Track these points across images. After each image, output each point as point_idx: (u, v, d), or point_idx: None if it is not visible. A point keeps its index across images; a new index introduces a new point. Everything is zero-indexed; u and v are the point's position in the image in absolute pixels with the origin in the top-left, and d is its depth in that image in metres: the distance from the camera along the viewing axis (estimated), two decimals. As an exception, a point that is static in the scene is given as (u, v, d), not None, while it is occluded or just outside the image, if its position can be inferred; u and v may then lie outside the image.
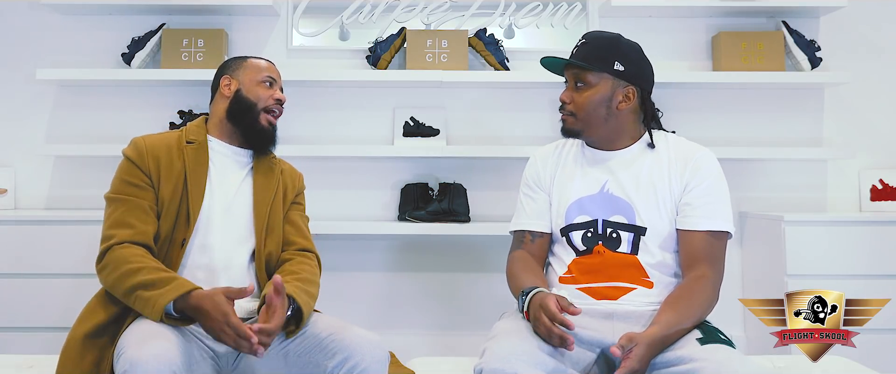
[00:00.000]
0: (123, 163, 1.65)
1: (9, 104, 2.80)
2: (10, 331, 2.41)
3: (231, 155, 1.75)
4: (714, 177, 1.63)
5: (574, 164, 1.72)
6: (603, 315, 1.55)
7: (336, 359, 1.44)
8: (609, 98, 1.64)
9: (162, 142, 1.69)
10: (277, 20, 2.83)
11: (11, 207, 2.76)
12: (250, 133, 1.75)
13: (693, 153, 1.65)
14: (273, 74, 1.80)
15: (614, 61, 1.63)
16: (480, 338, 1.56)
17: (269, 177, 1.76)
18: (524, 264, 1.67)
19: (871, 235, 2.46)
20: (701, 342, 1.43)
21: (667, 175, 1.63)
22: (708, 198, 1.60)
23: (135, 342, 1.37)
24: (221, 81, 1.78)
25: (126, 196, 1.59)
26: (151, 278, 1.47)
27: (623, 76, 1.64)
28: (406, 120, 2.77)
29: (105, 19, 2.79)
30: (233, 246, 1.65)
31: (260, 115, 1.75)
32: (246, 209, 1.70)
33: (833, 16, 2.80)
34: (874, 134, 2.83)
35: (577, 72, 1.64)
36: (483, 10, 2.76)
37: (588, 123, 1.65)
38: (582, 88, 1.64)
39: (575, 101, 1.65)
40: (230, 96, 1.75)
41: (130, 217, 1.57)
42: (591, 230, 1.64)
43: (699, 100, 2.82)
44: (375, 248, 2.80)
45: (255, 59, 1.81)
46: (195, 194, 1.63)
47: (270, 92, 1.77)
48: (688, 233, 1.59)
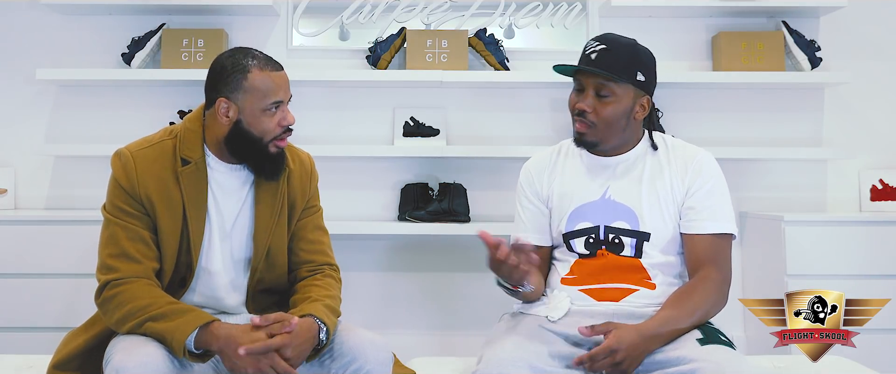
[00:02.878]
0: (113, 185, 1.51)
1: (9, 104, 2.80)
2: (10, 331, 2.41)
3: (232, 171, 1.57)
4: (715, 179, 1.62)
5: (573, 171, 1.68)
6: (605, 317, 1.54)
7: (340, 362, 1.43)
8: (630, 109, 1.60)
9: (154, 162, 1.51)
10: (277, 20, 2.83)
11: (11, 207, 2.76)
12: (258, 164, 1.55)
13: (693, 156, 1.63)
14: (280, 95, 1.51)
15: (636, 71, 1.58)
16: (480, 338, 1.56)
17: (273, 194, 1.58)
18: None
19: (871, 235, 2.46)
20: (701, 342, 1.43)
21: (668, 178, 1.61)
22: (710, 201, 1.59)
23: (122, 348, 1.36)
24: (218, 103, 1.50)
25: (124, 222, 1.48)
26: (163, 311, 1.40)
27: (642, 86, 1.60)
28: (406, 120, 2.77)
29: (105, 19, 2.79)
30: (238, 273, 1.59)
31: (268, 146, 1.53)
32: (247, 234, 1.58)
33: (833, 16, 2.80)
34: (874, 134, 2.83)
35: (602, 82, 1.56)
36: (483, 10, 2.76)
37: (607, 135, 1.60)
38: (607, 99, 1.57)
39: (598, 112, 1.57)
40: (229, 125, 1.51)
41: (132, 249, 1.46)
42: (592, 237, 1.62)
43: (699, 100, 2.82)
44: (375, 248, 2.80)
45: (258, 75, 1.49)
46: (196, 229, 1.51)
47: (277, 118, 1.51)
48: (692, 237, 1.58)
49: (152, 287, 1.47)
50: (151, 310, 1.41)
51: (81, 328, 1.56)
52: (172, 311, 1.41)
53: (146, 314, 1.40)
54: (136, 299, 1.42)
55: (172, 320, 1.39)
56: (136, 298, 1.43)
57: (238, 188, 1.57)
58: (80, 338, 1.53)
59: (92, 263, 1.52)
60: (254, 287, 1.60)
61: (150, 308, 1.41)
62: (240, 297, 1.60)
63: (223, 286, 1.57)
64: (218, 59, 1.54)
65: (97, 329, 1.52)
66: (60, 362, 1.51)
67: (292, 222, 1.63)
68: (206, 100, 1.56)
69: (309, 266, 1.63)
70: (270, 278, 1.61)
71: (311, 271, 1.62)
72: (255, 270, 1.58)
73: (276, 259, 1.60)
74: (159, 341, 1.39)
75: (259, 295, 1.61)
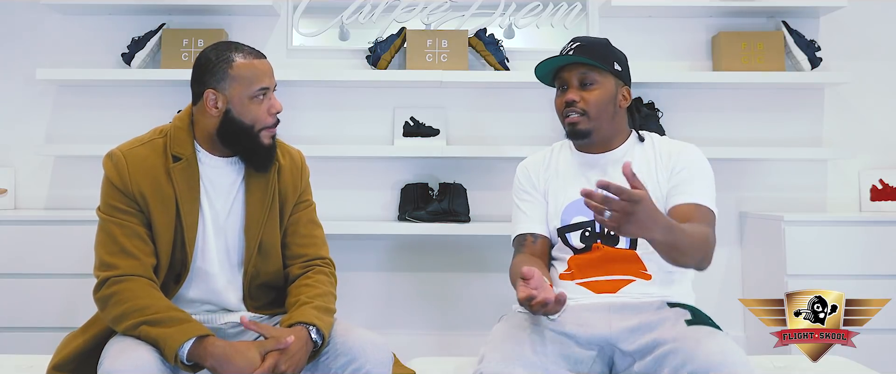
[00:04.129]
0: (107, 185, 1.52)
1: (9, 104, 2.80)
2: (10, 331, 2.41)
3: (223, 165, 1.58)
4: (696, 161, 1.65)
5: (566, 170, 1.72)
6: (602, 309, 1.55)
7: (340, 361, 1.44)
8: (614, 96, 1.67)
9: (145, 160, 1.52)
10: (277, 20, 2.83)
11: (11, 207, 2.76)
12: (250, 154, 1.56)
13: (677, 146, 1.68)
14: (265, 82, 1.53)
15: (614, 61, 1.67)
16: (480, 338, 1.56)
17: (264, 189, 1.59)
18: (527, 262, 1.65)
19: (871, 235, 2.46)
20: (688, 323, 1.46)
21: (654, 170, 1.65)
22: (690, 176, 1.61)
23: (114, 353, 1.37)
24: (206, 95, 1.52)
25: (119, 220, 1.49)
26: (161, 317, 1.41)
27: (620, 76, 1.68)
28: (406, 120, 2.77)
29: (105, 19, 2.79)
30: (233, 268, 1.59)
31: (259, 135, 1.54)
32: (239, 228, 1.58)
33: (833, 16, 2.80)
34: (874, 134, 2.83)
35: (584, 71, 1.64)
36: (483, 10, 2.76)
37: (599, 122, 1.65)
38: (591, 87, 1.65)
39: (585, 99, 1.64)
40: (218, 116, 1.52)
41: (129, 245, 1.47)
42: (588, 230, 1.64)
43: (699, 100, 2.82)
44: (375, 248, 2.80)
45: (242, 62, 1.52)
46: (190, 224, 1.52)
47: (266, 106, 1.54)
48: (676, 208, 1.59)
49: (153, 289, 1.47)
50: (148, 313, 1.41)
51: (79, 330, 1.56)
52: (170, 318, 1.41)
53: (143, 316, 1.41)
54: (135, 299, 1.43)
55: (168, 327, 1.39)
56: (136, 297, 1.43)
57: (230, 183, 1.59)
58: (78, 340, 1.53)
59: (91, 263, 1.52)
60: (249, 282, 1.60)
61: (147, 311, 1.41)
62: (237, 293, 1.60)
63: (219, 281, 1.58)
64: (202, 53, 1.56)
65: (94, 331, 1.53)
66: (59, 363, 1.51)
67: (285, 216, 1.64)
68: (193, 95, 1.57)
69: (302, 260, 1.64)
70: (266, 272, 1.61)
71: (303, 267, 1.63)
72: (248, 263, 1.58)
73: (270, 253, 1.61)
74: (153, 345, 1.39)
75: (256, 291, 1.62)
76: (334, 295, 1.60)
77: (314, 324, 1.45)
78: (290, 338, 1.40)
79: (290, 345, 1.40)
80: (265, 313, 1.62)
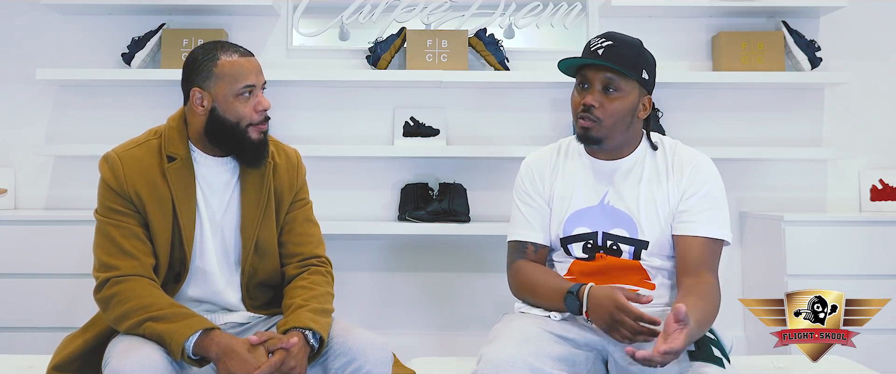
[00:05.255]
0: (103, 187, 1.52)
1: (9, 104, 2.80)
2: (10, 331, 2.41)
3: (217, 165, 1.59)
4: (712, 183, 1.59)
5: (574, 173, 1.65)
6: None
7: (340, 361, 1.44)
8: (635, 106, 1.58)
9: (140, 161, 1.52)
10: (277, 20, 2.83)
11: (11, 207, 2.76)
12: (240, 151, 1.56)
13: (691, 160, 1.61)
14: (250, 79, 1.52)
15: (642, 69, 1.57)
16: (480, 338, 1.56)
17: (259, 187, 1.59)
18: (542, 269, 1.62)
19: (871, 235, 2.47)
20: (691, 356, 1.41)
21: (665, 184, 1.59)
22: (706, 204, 1.57)
23: (119, 352, 1.37)
24: (192, 94, 1.53)
25: (117, 221, 1.49)
26: (165, 313, 1.41)
27: (646, 85, 1.59)
28: (406, 120, 2.77)
29: (105, 19, 2.79)
30: (231, 267, 1.60)
31: (247, 131, 1.53)
32: (235, 226, 1.59)
33: (833, 16, 2.80)
34: (874, 134, 2.83)
35: (610, 76, 1.54)
36: (483, 10, 2.76)
37: (613, 132, 1.57)
38: (614, 94, 1.54)
39: (605, 107, 1.54)
40: (205, 115, 1.53)
41: (128, 246, 1.47)
42: (590, 242, 1.61)
43: (699, 100, 2.82)
44: (375, 248, 2.80)
45: (226, 60, 1.51)
46: (187, 223, 1.52)
47: (252, 103, 1.53)
48: (685, 238, 1.55)
49: (154, 287, 1.47)
50: (152, 310, 1.41)
51: (79, 331, 1.56)
52: (174, 313, 1.42)
53: (147, 313, 1.41)
54: (137, 298, 1.43)
55: (174, 322, 1.40)
56: (138, 296, 1.43)
57: (225, 182, 1.59)
58: (78, 340, 1.53)
59: (91, 263, 1.52)
60: (248, 281, 1.60)
61: (150, 308, 1.42)
62: (236, 292, 1.60)
63: (219, 281, 1.58)
64: (191, 52, 1.57)
65: (95, 331, 1.53)
66: (59, 363, 1.51)
67: (281, 214, 1.63)
68: (184, 94, 1.57)
69: (298, 259, 1.63)
70: (263, 271, 1.61)
71: (300, 267, 1.62)
72: (245, 262, 1.58)
73: (267, 252, 1.60)
74: (158, 342, 1.40)
75: (254, 290, 1.62)
76: (331, 294, 1.60)
77: (310, 328, 1.45)
78: (294, 339, 1.41)
79: (293, 345, 1.40)
80: (264, 312, 1.62)
